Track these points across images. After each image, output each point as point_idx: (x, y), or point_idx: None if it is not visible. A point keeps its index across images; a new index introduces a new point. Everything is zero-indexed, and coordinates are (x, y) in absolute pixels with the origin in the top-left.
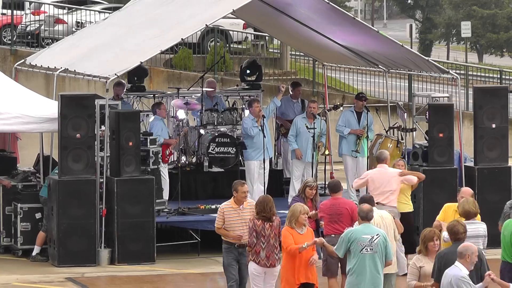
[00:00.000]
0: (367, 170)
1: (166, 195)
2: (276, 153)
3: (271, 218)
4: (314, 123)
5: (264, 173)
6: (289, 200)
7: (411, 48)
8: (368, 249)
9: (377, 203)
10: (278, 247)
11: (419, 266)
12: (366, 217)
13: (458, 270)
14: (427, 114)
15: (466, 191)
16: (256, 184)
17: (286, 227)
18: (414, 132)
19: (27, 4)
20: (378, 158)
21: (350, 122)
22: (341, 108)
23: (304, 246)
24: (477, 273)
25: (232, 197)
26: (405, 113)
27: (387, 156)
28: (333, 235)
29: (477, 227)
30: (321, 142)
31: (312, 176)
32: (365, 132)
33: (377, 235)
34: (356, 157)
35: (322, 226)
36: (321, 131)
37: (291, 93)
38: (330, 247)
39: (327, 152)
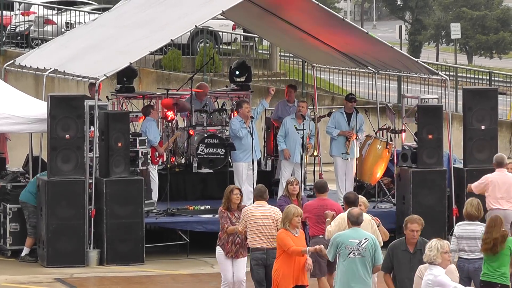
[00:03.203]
0: (356, 171)
1: (155, 196)
2: (267, 154)
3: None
4: (303, 124)
5: (253, 174)
6: None
7: (401, 49)
8: (356, 253)
9: (497, 209)
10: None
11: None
12: (356, 222)
13: None
14: (416, 116)
15: None
16: (244, 186)
17: (282, 229)
18: (403, 134)
19: (16, 5)
20: (499, 163)
21: (339, 123)
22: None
23: (306, 250)
24: None
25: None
26: (394, 115)
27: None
28: (321, 236)
29: (474, 228)
30: (309, 144)
31: (301, 177)
32: (355, 134)
33: (365, 239)
34: (347, 158)
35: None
36: (310, 133)
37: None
38: (324, 251)
39: (315, 153)
